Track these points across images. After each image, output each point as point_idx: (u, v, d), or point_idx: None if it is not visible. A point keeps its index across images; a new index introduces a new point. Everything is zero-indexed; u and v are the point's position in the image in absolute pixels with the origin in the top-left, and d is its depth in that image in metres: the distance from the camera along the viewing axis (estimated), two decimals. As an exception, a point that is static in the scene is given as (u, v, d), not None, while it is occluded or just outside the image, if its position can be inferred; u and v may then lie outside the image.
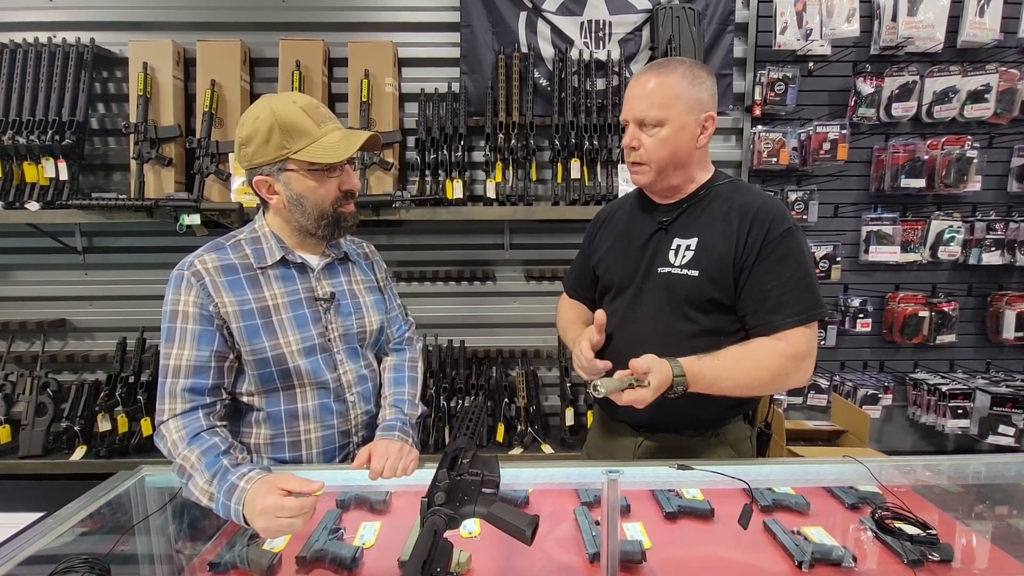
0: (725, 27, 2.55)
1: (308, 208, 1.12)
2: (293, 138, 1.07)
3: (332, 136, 1.10)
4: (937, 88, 2.55)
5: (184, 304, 1.09)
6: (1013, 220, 2.64)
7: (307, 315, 1.17)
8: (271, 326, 1.13)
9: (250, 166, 1.11)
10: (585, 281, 1.50)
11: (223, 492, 0.98)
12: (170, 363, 1.08)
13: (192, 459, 1.02)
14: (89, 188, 2.54)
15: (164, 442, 1.07)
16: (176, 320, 1.09)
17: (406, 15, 2.55)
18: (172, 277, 1.12)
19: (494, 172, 2.45)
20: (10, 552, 0.88)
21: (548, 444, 2.46)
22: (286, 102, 1.09)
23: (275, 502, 0.91)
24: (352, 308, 1.25)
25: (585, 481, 1.20)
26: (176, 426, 1.06)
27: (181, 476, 1.03)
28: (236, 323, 1.11)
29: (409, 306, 1.38)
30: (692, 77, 1.19)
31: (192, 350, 1.08)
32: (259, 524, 0.93)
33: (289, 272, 1.18)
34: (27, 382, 2.43)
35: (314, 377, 1.17)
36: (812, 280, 1.19)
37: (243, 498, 0.95)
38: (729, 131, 2.66)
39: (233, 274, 1.13)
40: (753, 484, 1.02)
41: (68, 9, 2.49)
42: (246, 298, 1.12)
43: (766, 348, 1.16)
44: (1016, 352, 2.79)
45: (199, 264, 1.12)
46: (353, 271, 1.30)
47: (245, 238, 1.18)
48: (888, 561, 1.02)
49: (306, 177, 1.10)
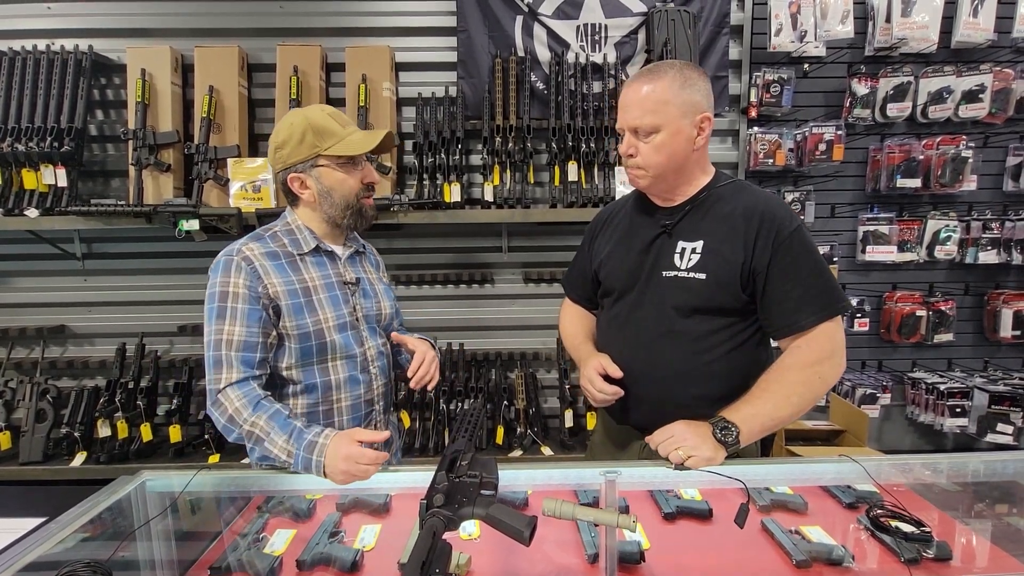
0: (720, 30, 2.56)
1: (336, 199, 1.29)
2: (324, 138, 1.25)
3: (356, 135, 1.29)
4: (932, 88, 2.56)
5: (235, 286, 1.20)
6: (1009, 219, 2.66)
7: (339, 296, 1.32)
8: (311, 304, 1.27)
9: (285, 166, 1.27)
10: (586, 284, 1.50)
11: (303, 448, 1.11)
12: (223, 337, 1.18)
13: (261, 424, 1.14)
14: (88, 194, 2.55)
15: (222, 408, 1.16)
16: (227, 300, 1.20)
17: (403, 20, 2.56)
18: (220, 262, 1.23)
19: (492, 175, 2.46)
20: (12, 558, 0.88)
21: (547, 446, 2.47)
22: (316, 110, 1.27)
23: (357, 450, 1.09)
24: (372, 293, 1.41)
25: (584, 482, 1.20)
26: (236, 394, 1.16)
27: (248, 440, 1.15)
28: (285, 301, 1.23)
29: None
30: (683, 80, 1.19)
31: (243, 326, 1.19)
32: (340, 469, 1.08)
33: (321, 259, 1.33)
34: (27, 388, 2.44)
35: (345, 351, 1.31)
36: (829, 275, 1.20)
37: (324, 451, 1.10)
38: (725, 133, 2.67)
39: (276, 260, 1.26)
40: (750, 484, 1.02)
41: (66, 16, 2.50)
42: (291, 279, 1.26)
43: (785, 365, 1.19)
44: (1013, 350, 2.80)
45: (247, 251, 1.23)
46: (366, 264, 1.47)
47: (280, 230, 1.32)
48: (886, 560, 1.03)
49: (335, 170, 1.27)
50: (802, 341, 1.19)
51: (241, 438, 1.17)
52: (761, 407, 1.15)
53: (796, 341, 1.20)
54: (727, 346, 1.24)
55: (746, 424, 1.12)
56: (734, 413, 1.14)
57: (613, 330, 1.37)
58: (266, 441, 1.13)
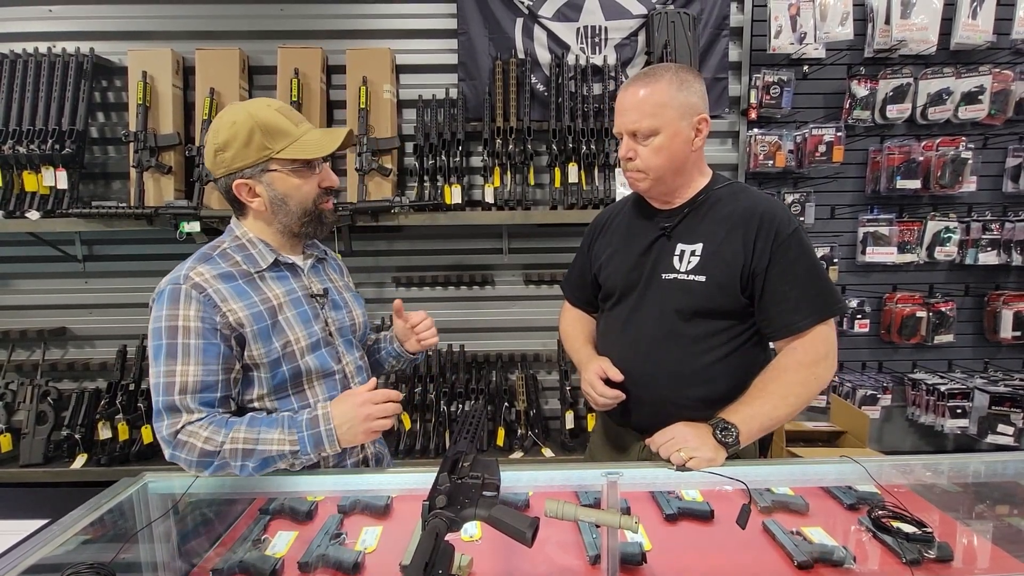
0: (720, 32, 2.57)
1: (292, 207, 1.15)
2: (275, 139, 1.10)
3: (311, 135, 1.14)
4: (931, 90, 2.57)
5: (185, 319, 1.06)
6: (1008, 220, 2.66)
7: (308, 312, 1.20)
8: (279, 325, 1.14)
9: (228, 171, 1.12)
10: (586, 287, 1.51)
11: (304, 427, 1.05)
12: (175, 379, 1.05)
13: (242, 435, 1.04)
14: (89, 197, 2.56)
15: (189, 445, 1.04)
16: (176, 336, 1.05)
17: (404, 23, 2.57)
18: (165, 292, 1.08)
19: (492, 177, 2.46)
20: (15, 560, 0.88)
21: (548, 448, 2.47)
22: (260, 106, 1.11)
23: (369, 395, 1.04)
24: (342, 303, 1.30)
25: (585, 483, 1.20)
26: (199, 426, 1.05)
27: (234, 460, 1.04)
28: (251, 327, 1.10)
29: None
30: (680, 82, 1.20)
31: (198, 365, 1.05)
32: (360, 418, 1.03)
33: (283, 273, 1.20)
34: (27, 390, 2.44)
35: (322, 371, 1.19)
36: (826, 276, 1.22)
37: (329, 418, 1.04)
38: (726, 134, 2.68)
39: (232, 280, 1.11)
40: (752, 485, 1.02)
41: (68, 19, 2.51)
42: (252, 301, 1.12)
43: (782, 366, 1.20)
44: (1014, 351, 2.80)
45: (196, 276, 1.08)
46: (330, 271, 1.34)
47: (230, 247, 1.17)
48: (887, 561, 1.03)
49: (289, 176, 1.13)
50: (798, 343, 1.20)
51: (223, 466, 1.05)
52: (759, 408, 1.16)
53: (792, 343, 1.21)
54: (727, 348, 1.25)
55: (745, 425, 1.13)
56: (733, 414, 1.15)
57: (613, 332, 1.37)
58: (257, 447, 1.04)
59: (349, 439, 1.03)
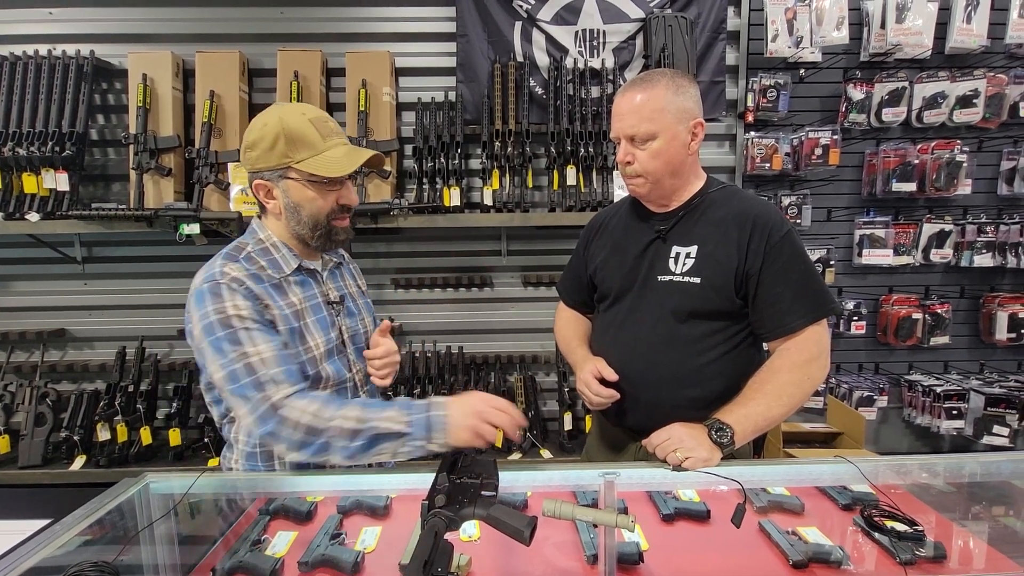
0: (717, 35, 2.59)
1: (304, 217, 1.14)
2: (297, 148, 1.09)
3: (336, 151, 1.12)
4: (926, 93, 2.58)
5: (235, 308, 1.05)
6: (1003, 222, 2.68)
7: (326, 318, 1.20)
8: (301, 331, 1.14)
9: (252, 169, 1.13)
10: (581, 289, 1.52)
11: (419, 409, 1.03)
12: (251, 360, 1.02)
13: (355, 414, 1.02)
14: (89, 198, 2.56)
15: (291, 421, 1.01)
16: (232, 324, 1.03)
17: (403, 26, 2.58)
18: (204, 291, 1.06)
19: (491, 179, 2.48)
20: (17, 560, 0.88)
21: (547, 449, 2.47)
22: (295, 113, 1.10)
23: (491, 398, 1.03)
24: (356, 310, 1.30)
25: (582, 483, 1.21)
26: (307, 399, 1.03)
27: (341, 437, 1.01)
28: (283, 326, 1.10)
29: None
30: (676, 87, 1.22)
31: (267, 343, 1.04)
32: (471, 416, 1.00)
33: (304, 278, 1.20)
34: (26, 392, 2.44)
35: (336, 379, 1.18)
36: (819, 278, 1.24)
37: (446, 406, 1.02)
38: (723, 137, 2.69)
39: (261, 283, 1.11)
40: (747, 485, 1.03)
41: (68, 22, 2.51)
42: (281, 303, 1.12)
43: (775, 367, 1.21)
44: (1009, 353, 2.81)
45: (231, 272, 1.08)
46: (346, 276, 1.34)
47: (254, 250, 1.16)
48: (882, 560, 1.04)
49: (305, 187, 1.12)
50: (791, 343, 1.22)
51: (324, 447, 1.01)
52: (754, 408, 1.17)
53: (785, 343, 1.22)
54: (722, 349, 1.26)
55: (740, 425, 1.14)
56: (728, 415, 1.16)
57: (609, 334, 1.38)
58: (368, 424, 1.00)
59: (456, 434, 1.00)
